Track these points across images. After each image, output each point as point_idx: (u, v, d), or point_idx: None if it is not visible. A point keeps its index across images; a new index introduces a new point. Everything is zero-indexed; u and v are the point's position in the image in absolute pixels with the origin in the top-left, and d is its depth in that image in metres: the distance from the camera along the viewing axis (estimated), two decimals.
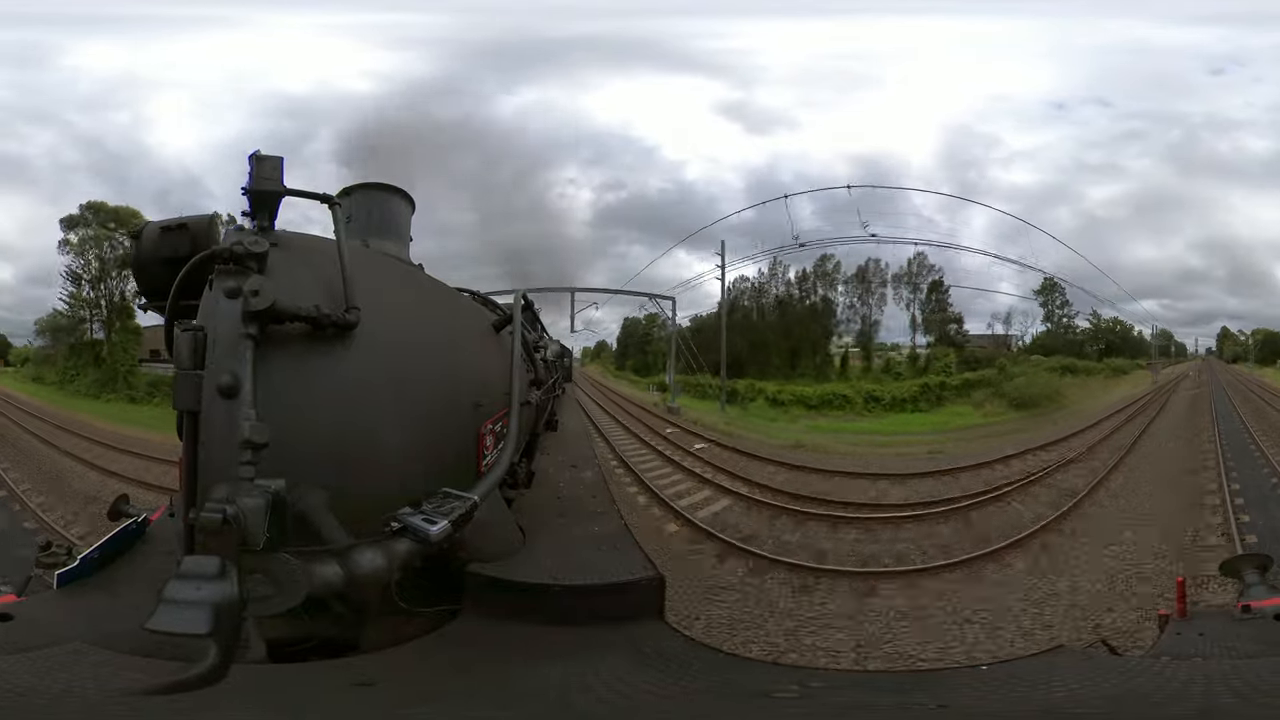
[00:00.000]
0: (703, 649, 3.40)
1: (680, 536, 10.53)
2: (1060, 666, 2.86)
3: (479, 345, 4.14)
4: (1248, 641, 2.69)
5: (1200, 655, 2.61)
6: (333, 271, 2.83)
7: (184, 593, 2.01)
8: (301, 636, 2.74)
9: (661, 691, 2.54)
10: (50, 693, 2.05)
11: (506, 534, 3.78)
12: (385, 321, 2.96)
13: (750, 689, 2.75)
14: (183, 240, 2.97)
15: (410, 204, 4.35)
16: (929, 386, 27.32)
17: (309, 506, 2.51)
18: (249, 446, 2.26)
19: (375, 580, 2.48)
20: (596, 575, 3.46)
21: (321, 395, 2.69)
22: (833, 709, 2.42)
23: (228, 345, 2.49)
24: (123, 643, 2.44)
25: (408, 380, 3.00)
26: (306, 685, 2.48)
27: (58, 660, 2.32)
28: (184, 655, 1.97)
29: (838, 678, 4.26)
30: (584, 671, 2.53)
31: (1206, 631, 2.85)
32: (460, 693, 2.45)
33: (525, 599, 3.17)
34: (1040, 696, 2.30)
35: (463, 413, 3.45)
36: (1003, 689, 2.58)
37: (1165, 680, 2.27)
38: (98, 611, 3.04)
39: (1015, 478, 14.38)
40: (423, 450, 3.03)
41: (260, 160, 2.76)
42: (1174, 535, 10.16)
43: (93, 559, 3.50)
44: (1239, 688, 2.06)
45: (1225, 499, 11.75)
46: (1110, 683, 2.33)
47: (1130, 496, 12.87)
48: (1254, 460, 15.54)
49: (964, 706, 2.31)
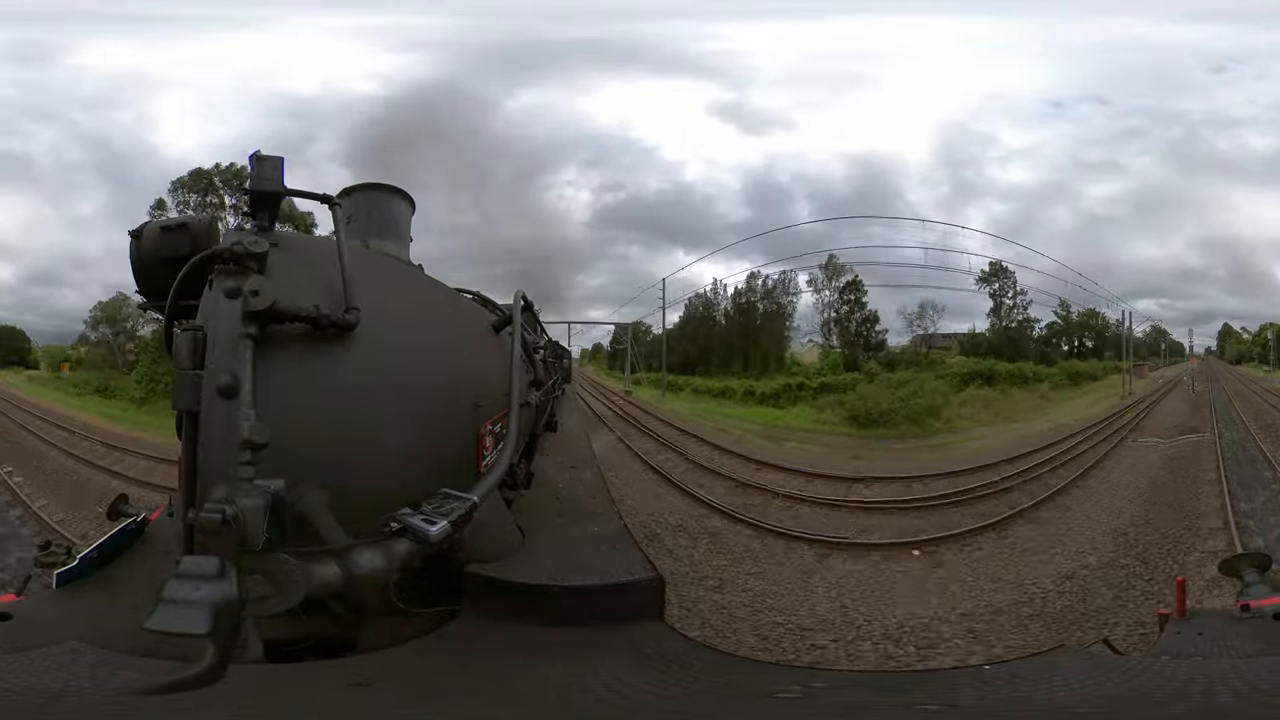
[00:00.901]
0: (703, 649, 3.40)
1: (601, 417, 23.92)
2: (1062, 666, 2.86)
3: (479, 346, 4.14)
4: (1247, 641, 2.69)
5: (1200, 655, 2.61)
6: (332, 272, 2.83)
7: (183, 592, 2.01)
8: (299, 637, 2.74)
9: (662, 692, 2.54)
10: (48, 692, 2.05)
11: (506, 534, 3.77)
12: (385, 322, 2.96)
13: (752, 689, 2.74)
14: (183, 240, 2.97)
15: (410, 204, 4.35)
16: (789, 386, 28.64)
17: (308, 507, 2.51)
18: (248, 446, 2.26)
19: (374, 581, 2.48)
20: (596, 576, 3.45)
21: (321, 395, 2.69)
22: (837, 709, 2.42)
23: (227, 345, 2.49)
24: (121, 642, 2.43)
25: (407, 381, 3.00)
26: (304, 685, 2.48)
27: (55, 660, 2.32)
28: (183, 655, 1.97)
29: (840, 678, 4.26)
30: (583, 672, 2.53)
31: (1206, 631, 2.85)
32: (459, 693, 2.44)
33: (524, 600, 3.17)
34: (1043, 696, 2.30)
35: (462, 413, 3.45)
36: (1006, 688, 2.58)
37: (1165, 680, 2.27)
38: (97, 611, 3.04)
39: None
40: (422, 451, 3.03)
41: (261, 160, 2.76)
42: None
43: (92, 558, 3.50)
44: (1239, 687, 2.06)
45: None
46: (1112, 682, 2.33)
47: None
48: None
49: (973, 706, 2.31)
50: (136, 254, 3.12)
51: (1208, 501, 11.29)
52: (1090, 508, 11.52)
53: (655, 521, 10.64)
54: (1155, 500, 11.68)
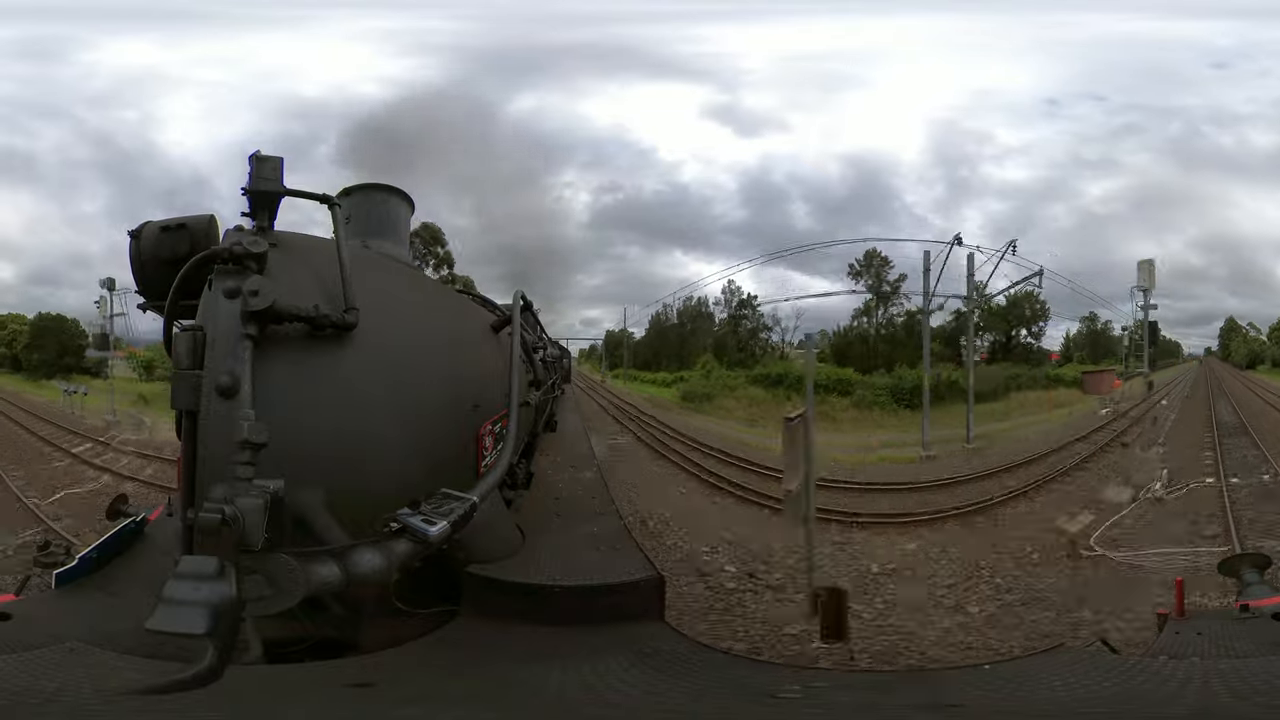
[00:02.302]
0: (704, 649, 3.39)
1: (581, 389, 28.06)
2: (1062, 665, 2.86)
3: (478, 346, 4.14)
4: (1246, 641, 2.69)
5: (1199, 654, 2.62)
6: (332, 272, 2.83)
7: (182, 592, 2.01)
8: (298, 637, 2.74)
9: (664, 692, 2.54)
10: (44, 692, 2.04)
11: (506, 535, 3.77)
12: (384, 322, 2.96)
13: (754, 689, 2.74)
14: (182, 240, 2.97)
15: (410, 205, 4.35)
16: (681, 378, 37.76)
17: (307, 507, 2.51)
18: (248, 446, 2.26)
19: (374, 581, 2.48)
20: (596, 576, 3.45)
21: (320, 396, 2.69)
22: (845, 709, 2.42)
23: (227, 345, 2.49)
24: (121, 642, 2.43)
25: (407, 381, 3.00)
26: (302, 685, 2.48)
27: (53, 660, 2.32)
28: (182, 655, 1.97)
29: (839, 677, 4.26)
30: (583, 672, 2.53)
31: (1205, 631, 2.85)
32: (459, 693, 2.44)
33: (524, 600, 3.17)
34: (1045, 696, 2.30)
35: (462, 413, 3.44)
36: (1008, 688, 2.59)
37: (1164, 679, 2.27)
38: (96, 611, 3.04)
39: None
40: (422, 451, 3.03)
41: (260, 160, 2.76)
42: None
43: (91, 558, 3.50)
44: (1237, 687, 2.07)
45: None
46: (1111, 681, 2.34)
47: None
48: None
49: (980, 705, 2.32)
50: (136, 254, 3.12)
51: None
52: None
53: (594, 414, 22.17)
54: None
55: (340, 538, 2.50)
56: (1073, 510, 9.90)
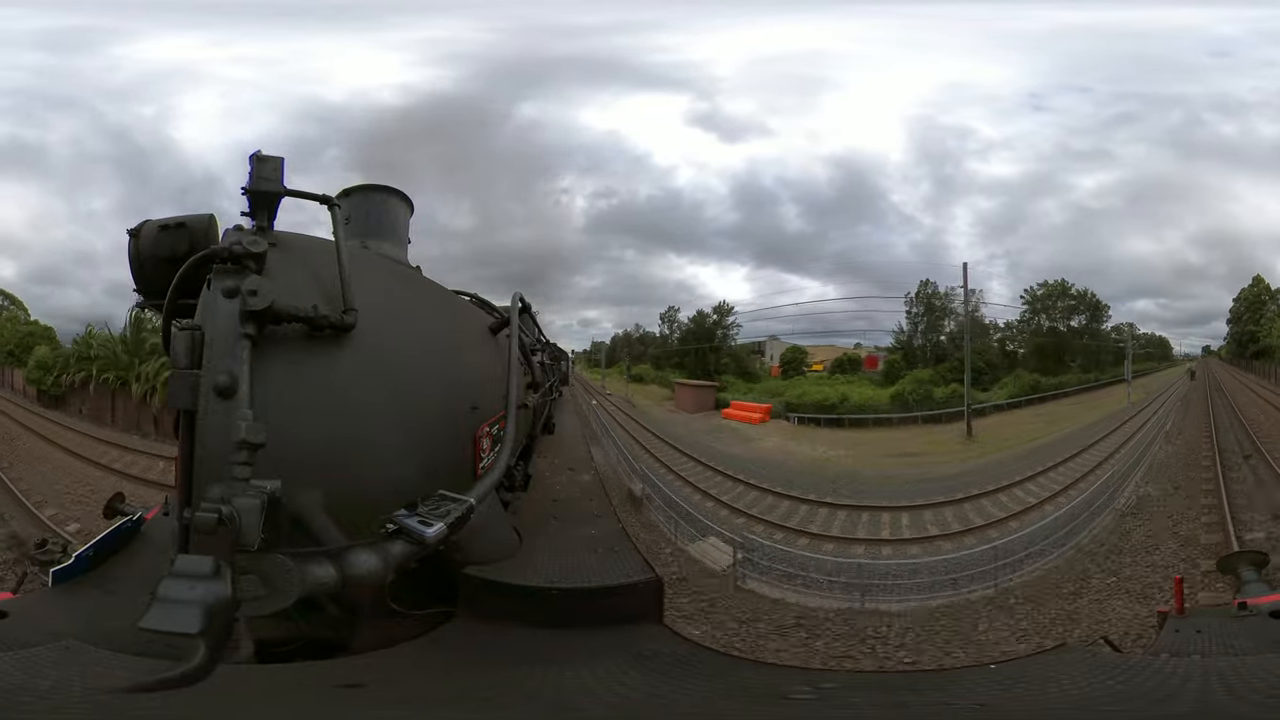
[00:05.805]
0: (704, 651, 3.38)
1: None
2: (1067, 664, 2.86)
3: (476, 348, 4.14)
4: (1245, 638, 2.69)
5: (1198, 652, 2.62)
6: (331, 273, 2.83)
7: (177, 591, 2.01)
8: (290, 637, 2.73)
9: (663, 693, 2.53)
10: (37, 690, 2.04)
11: (503, 536, 3.77)
12: (383, 323, 2.96)
13: (761, 690, 2.74)
14: (181, 239, 2.97)
15: (409, 206, 4.35)
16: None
17: (304, 507, 2.51)
18: (245, 446, 2.26)
19: (370, 582, 2.47)
20: (594, 578, 3.45)
21: (318, 396, 2.69)
22: (854, 710, 2.41)
23: (225, 345, 2.48)
24: (116, 640, 2.43)
25: (405, 382, 3.00)
26: (292, 685, 2.47)
27: (48, 658, 2.31)
28: (172, 653, 1.96)
29: (845, 679, 4.24)
30: (581, 674, 2.52)
31: (1204, 629, 2.85)
32: (451, 694, 2.43)
33: (522, 602, 3.16)
34: (1054, 696, 2.30)
35: (460, 415, 3.44)
36: (1016, 687, 2.58)
37: (1165, 678, 2.27)
38: (93, 609, 3.03)
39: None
40: (419, 452, 3.02)
41: (261, 160, 2.76)
42: None
43: (88, 557, 3.49)
44: (1236, 685, 2.07)
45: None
46: (1114, 680, 2.34)
47: None
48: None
49: (999, 705, 2.32)
50: (135, 253, 3.12)
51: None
52: None
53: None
54: None
55: (337, 538, 2.49)
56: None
